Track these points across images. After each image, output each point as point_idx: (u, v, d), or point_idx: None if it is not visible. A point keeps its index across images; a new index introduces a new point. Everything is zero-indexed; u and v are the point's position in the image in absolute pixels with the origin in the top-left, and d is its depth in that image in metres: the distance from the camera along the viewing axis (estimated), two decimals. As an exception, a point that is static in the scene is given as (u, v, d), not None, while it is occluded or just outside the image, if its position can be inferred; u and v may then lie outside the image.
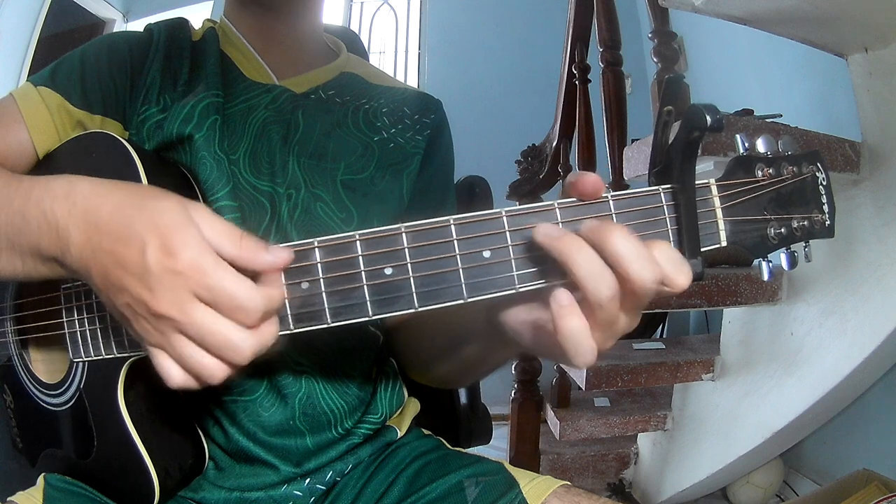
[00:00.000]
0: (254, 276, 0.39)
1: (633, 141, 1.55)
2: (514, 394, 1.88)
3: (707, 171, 1.22)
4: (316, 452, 0.64)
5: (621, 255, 0.36)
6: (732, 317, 1.67)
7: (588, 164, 1.81)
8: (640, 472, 1.99)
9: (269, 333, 0.40)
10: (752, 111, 1.60)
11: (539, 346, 0.43)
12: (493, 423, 1.00)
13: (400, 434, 0.70)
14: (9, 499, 0.56)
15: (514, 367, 1.88)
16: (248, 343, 0.38)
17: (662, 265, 0.37)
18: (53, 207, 0.42)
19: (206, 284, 0.37)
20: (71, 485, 0.59)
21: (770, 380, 1.54)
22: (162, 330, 0.39)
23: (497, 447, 1.89)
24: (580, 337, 0.37)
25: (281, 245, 0.40)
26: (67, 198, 0.41)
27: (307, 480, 0.63)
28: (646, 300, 0.38)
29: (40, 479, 0.59)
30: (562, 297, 0.37)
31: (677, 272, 0.37)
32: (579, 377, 1.62)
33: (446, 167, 0.77)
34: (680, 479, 1.79)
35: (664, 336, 2.62)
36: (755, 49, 2.18)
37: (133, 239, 0.38)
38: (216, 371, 0.39)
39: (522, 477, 0.61)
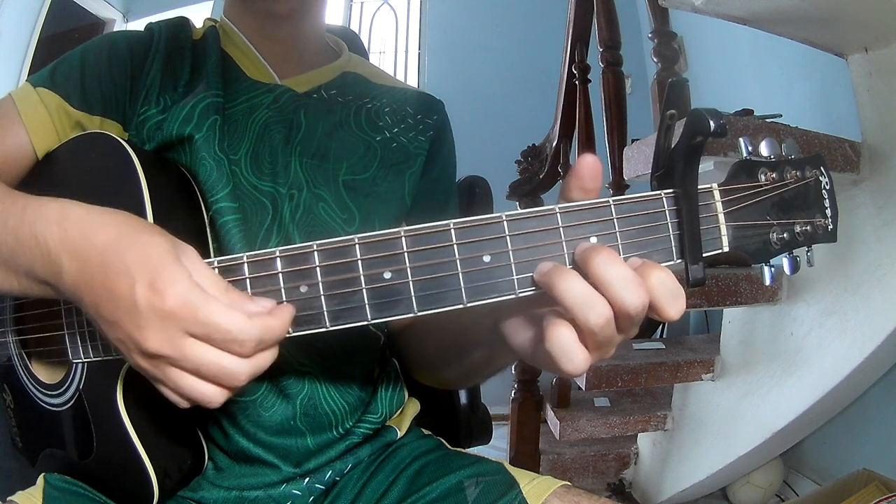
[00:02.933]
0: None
1: (633, 141, 1.55)
2: (514, 394, 1.88)
3: (707, 171, 1.22)
4: (316, 452, 0.64)
5: (607, 280, 0.36)
6: (732, 317, 1.67)
7: (588, 164, 1.80)
8: (640, 472, 1.99)
9: (264, 360, 0.40)
10: (752, 111, 1.59)
11: (538, 358, 0.43)
12: (493, 423, 1.00)
13: (400, 434, 0.70)
14: (9, 498, 0.56)
15: (514, 367, 1.88)
16: (243, 368, 0.39)
17: (653, 291, 0.36)
18: (45, 233, 0.42)
19: (198, 320, 0.37)
20: (71, 484, 0.59)
21: (770, 380, 1.53)
22: (156, 365, 0.39)
23: (497, 447, 1.89)
24: (567, 346, 0.37)
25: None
26: (59, 224, 0.41)
27: (306, 480, 0.63)
28: (642, 318, 0.38)
29: (40, 479, 0.59)
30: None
31: (668, 303, 0.37)
32: (579, 377, 1.62)
33: (449, 169, 0.77)
34: (680, 479, 1.78)
35: (664, 336, 2.61)
36: (755, 49, 2.17)
37: (122, 274, 0.38)
38: (215, 396, 0.40)
39: (522, 477, 0.61)
